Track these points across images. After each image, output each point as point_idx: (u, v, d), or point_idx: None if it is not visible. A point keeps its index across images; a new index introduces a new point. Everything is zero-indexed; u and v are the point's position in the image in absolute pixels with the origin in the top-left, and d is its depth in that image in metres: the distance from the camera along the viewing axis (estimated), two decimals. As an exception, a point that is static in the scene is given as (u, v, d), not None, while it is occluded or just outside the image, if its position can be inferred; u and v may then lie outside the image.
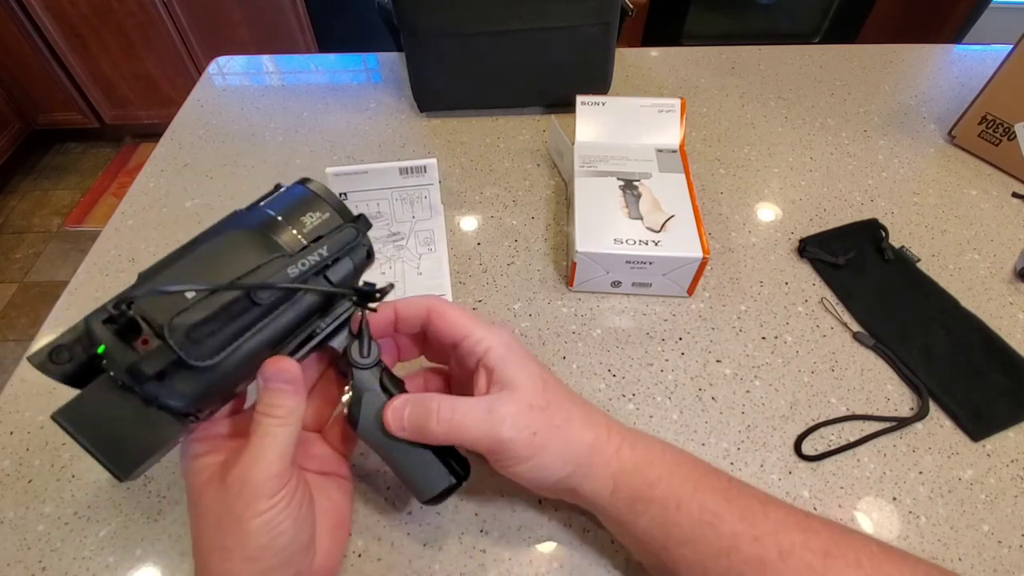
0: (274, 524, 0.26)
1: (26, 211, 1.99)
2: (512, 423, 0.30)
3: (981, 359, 0.45)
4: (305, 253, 0.28)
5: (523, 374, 0.31)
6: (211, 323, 0.25)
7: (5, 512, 0.38)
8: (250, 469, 0.26)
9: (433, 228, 0.54)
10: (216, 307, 0.25)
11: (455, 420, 0.30)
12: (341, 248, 0.29)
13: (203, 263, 0.27)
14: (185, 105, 0.73)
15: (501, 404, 0.30)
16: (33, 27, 1.77)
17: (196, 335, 0.25)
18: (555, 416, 0.31)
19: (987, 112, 0.61)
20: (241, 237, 0.28)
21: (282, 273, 0.27)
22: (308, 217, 0.29)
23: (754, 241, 0.55)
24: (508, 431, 0.30)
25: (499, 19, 0.61)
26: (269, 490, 0.26)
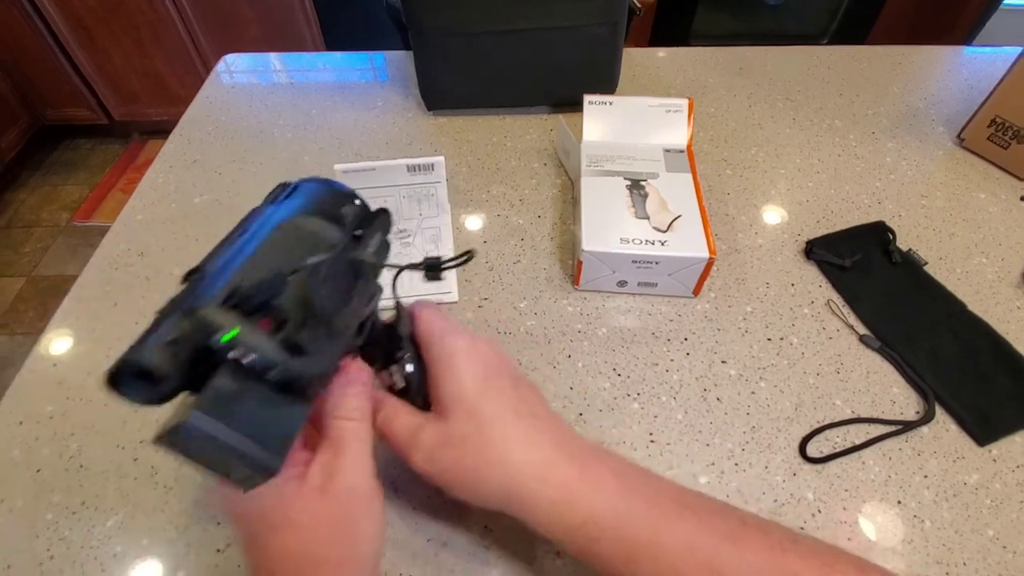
0: (382, 527, 0.27)
1: (35, 206, 2.00)
2: (425, 454, 0.30)
3: (988, 363, 0.45)
4: (368, 236, 0.30)
5: (452, 401, 0.30)
6: (336, 295, 0.26)
7: (14, 501, 0.38)
8: (356, 476, 0.27)
9: (440, 226, 0.55)
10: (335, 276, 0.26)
11: (387, 432, 0.31)
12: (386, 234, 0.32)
13: (289, 244, 0.27)
14: (194, 102, 0.73)
15: (424, 431, 0.30)
16: (43, 23, 1.79)
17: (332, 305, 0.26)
18: (469, 456, 0.29)
19: (997, 115, 0.60)
20: (310, 222, 0.29)
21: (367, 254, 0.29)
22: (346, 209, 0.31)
23: (760, 242, 0.55)
24: (419, 461, 0.30)
25: (507, 18, 0.61)
26: (376, 493, 0.27)
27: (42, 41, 1.83)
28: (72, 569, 0.36)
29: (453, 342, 0.31)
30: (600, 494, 0.28)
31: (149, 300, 0.24)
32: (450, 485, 0.30)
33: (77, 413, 0.43)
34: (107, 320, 0.49)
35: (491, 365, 0.31)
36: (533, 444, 0.30)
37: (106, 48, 1.86)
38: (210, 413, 0.22)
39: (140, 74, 1.95)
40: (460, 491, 0.30)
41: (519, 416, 0.30)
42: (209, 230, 0.57)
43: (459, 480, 0.30)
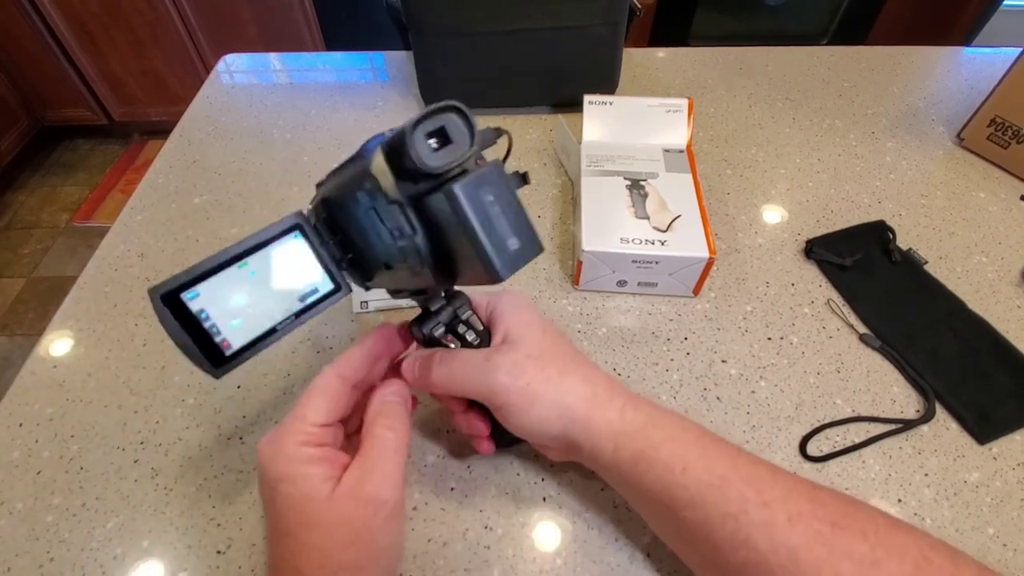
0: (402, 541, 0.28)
1: (34, 207, 2.00)
2: (507, 371, 0.31)
3: (988, 362, 0.45)
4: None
5: (523, 327, 0.33)
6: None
7: (14, 503, 0.38)
8: (383, 487, 0.27)
9: (440, 226, 0.55)
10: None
11: (455, 368, 0.32)
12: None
13: None
14: (194, 102, 0.73)
15: (498, 353, 0.31)
16: (43, 24, 1.79)
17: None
18: (549, 367, 0.31)
19: (996, 115, 0.60)
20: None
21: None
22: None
23: (760, 242, 0.55)
24: (503, 378, 0.31)
25: (507, 18, 0.61)
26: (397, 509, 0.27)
27: (42, 42, 1.83)
28: (72, 571, 0.36)
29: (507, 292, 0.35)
30: (656, 408, 0.32)
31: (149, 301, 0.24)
32: (533, 396, 0.31)
33: (77, 415, 0.43)
34: (107, 321, 0.49)
35: (534, 307, 0.35)
36: (592, 366, 0.33)
37: (106, 49, 1.86)
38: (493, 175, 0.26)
39: (140, 74, 1.95)
40: (541, 405, 0.31)
41: (576, 353, 0.34)
42: (209, 230, 0.57)
43: (541, 390, 0.31)
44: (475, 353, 0.32)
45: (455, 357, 0.32)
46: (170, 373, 0.45)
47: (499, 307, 0.34)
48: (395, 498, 0.28)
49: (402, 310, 0.49)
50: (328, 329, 0.48)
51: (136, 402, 0.44)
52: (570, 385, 0.31)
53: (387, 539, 0.28)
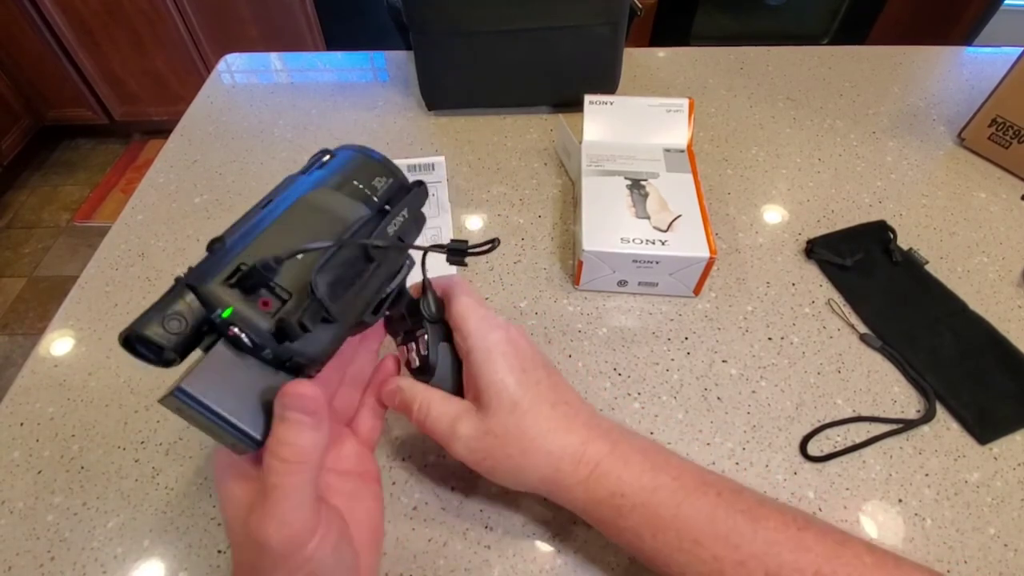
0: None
1: (35, 206, 2.00)
2: (465, 444, 0.31)
3: (989, 362, 0.45)
4: (392, 215, 0.29)
5: (495, 393, 0.31)
6: (342, 280, 0.26)
7: (15, 503, 0.38)
8: (266, 527, 0.23)
9: (440, 226, 0.55)
10: (341, 263, 0.26)
11: (427, 424, 0.32)
12: (416, 209, 0.31)
13: (307, 221, 0.27)
14: (195, 102, 0.74)
15: (461, 422, 0.31)
16: (44, 23, 1.79)
17: (334, 291, 0.25)
18: (511, 446, 0.30)
19: (997, 115, 0.60)
20: (332, 197, 0.28)
21: (383, 232, 0.28)
22: (378, 181, 0.30)
23: (761, 242, 0.55)
24: (461, 450, 0.31)
25: (508, 18, 0.61)
26: (291, 549, 0.23)
27: (43, 41, 1.83)
28: (73, 570, 0.36)
29: (490, 334, 0.32)
30: (628, 469, 0.30)
31: (150, 300, 0.24)
32: (491, 473, 0.32)
33: (78, 414, 0.43)
34: (108, 321, 0.49)
35: (527, 357, 0.32)
36: (568, 429, 0.31)
37: (107, 48, 1.86)
38: (202, 382, 0.23)
39: (141, 74, 1.95)
40: (500, 478, 0.32)
41: (554, 405, 0.32)
42: (209, 230, 0.57)
43: (500, 468, 0.31)
44: (446, 413, 0.32)
45: (429, 410, 0.32)
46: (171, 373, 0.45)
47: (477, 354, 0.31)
48: (280, 539, 0.23)
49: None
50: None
51: (137, 402, 0.44)
52: (532, 465, 0.31)
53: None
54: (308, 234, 0.26)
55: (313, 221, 0.27)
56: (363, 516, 0.30)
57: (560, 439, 0.31)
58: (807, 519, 0.29)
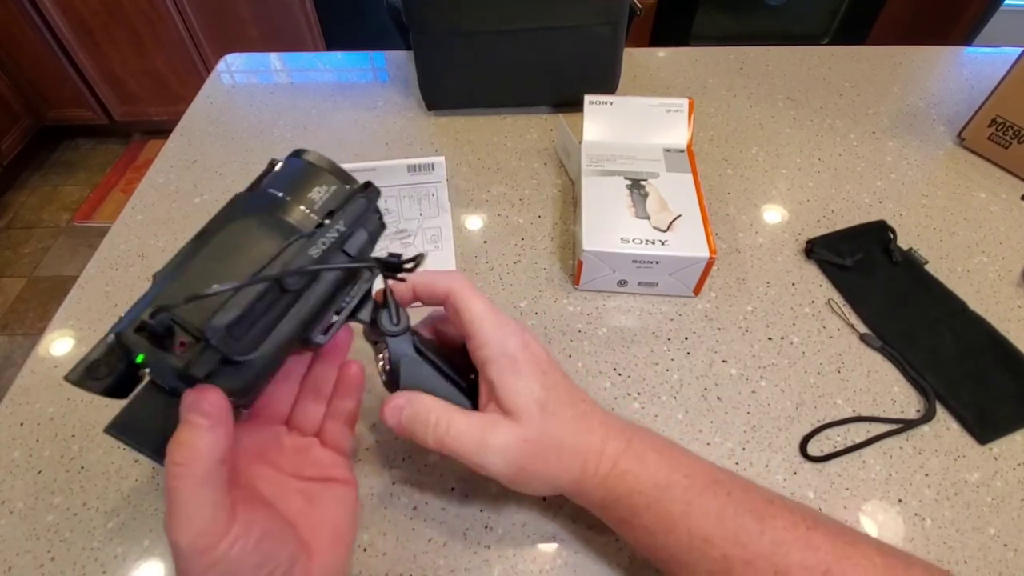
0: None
1: (35, 206, 2.00)
2: (502, 456, 0.30)
3: (988, 362, 0.45)
4: (323, 231, 0.27)
5: (522, 398, 0.30)
6: (247, 318, 0.25)
7: (15, 503, 0.38)
8: (171, 529, 0.23)
9: (440, 226, 0.55)
10: (249, 301, 0.24)
11: (447, 442, 0.30)
12: (356, 220, 0.28)
13: (222, 257, 0.26)
14: (195, 102, 0.74)
15: (494, 434, 0.30)
16: (44, 23, 1.79)
17: (236, 331, 0.24)
18: (545, 450, 0.30)
19: (997, 115, 0.60)
20: (254, 224, 0.27)
21: (304, 255, 0.26)
22: (316, 192, 0.28)
23: (761, 242, 0.55)
24: (497, 464, 0.30)
25: (508, 18, 0.61)
26: (200, 548, 0.23)
27: (43, 41, 1.83)
28: (73, 570, 0.36)
29: (509, 340, 0.31)
30: (644, 466, 0.31)
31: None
32: (525, 482, 0.31)
33: (78, 414, 0.43)
34: (108, 321, 0.49)
35: (543, 359, 0.32)
36: (589, 429, 0.32)
37: (107, 48, 1.87)
38: (118, 428, 0.25)
39: (141, 74, 1.95)
40: (534, 486, 0.32)
41: (573, 405, 0.32)
42: (210, 230, 0.57)
43: (537, 476, 0.31)
44: (471, 426, 0.30)
45: (450, 425, 0.30)
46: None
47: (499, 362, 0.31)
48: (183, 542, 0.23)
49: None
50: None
51: (137, 402, 0.44)
52: (566, 464, 0.31)
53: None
54: (227, 269, 0.25)
55: (234, 255, 0.26)
56: (323, 518, 0.30)
57: (584, 438, 0.31)
58: (816, 518, 0.29)
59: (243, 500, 0.25)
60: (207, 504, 0.24)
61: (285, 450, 0.32)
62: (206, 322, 0.23)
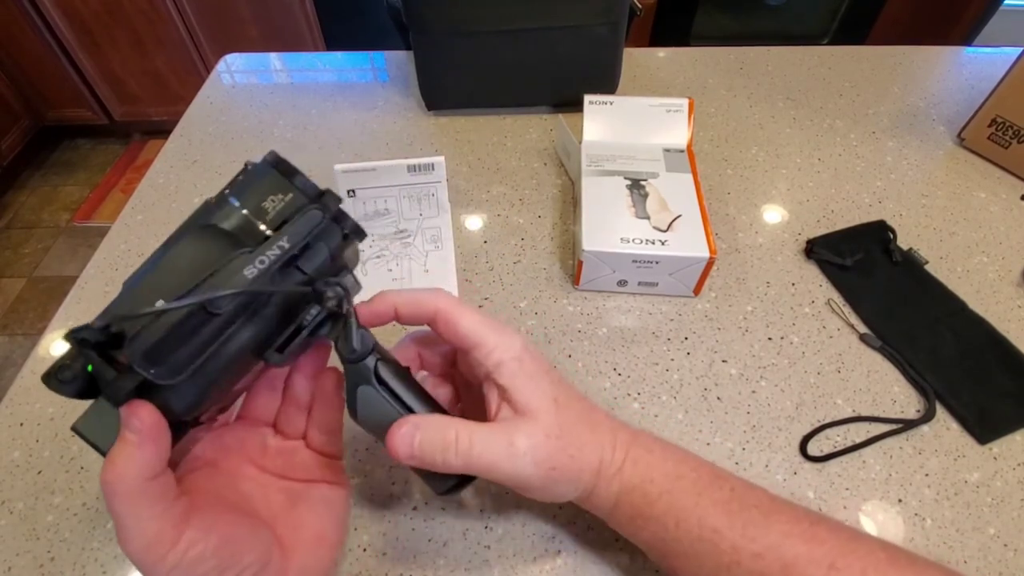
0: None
1: (35, 206, 2.00)
2: (533, 458, 0.29)
3: (988, 362, 0.45)
4: (263, 248, 0.25)
5: (537, 397, 0.30)
6: (168, 341, 0.23)
7: (15, 503, 0.38)
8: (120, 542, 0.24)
9: (440, 226, 0.55)
10: (170, 324, 0.23)
11: (474, 454, 0.28)
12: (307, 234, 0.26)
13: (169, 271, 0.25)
14: (195, 102, 0.74)
15: (520, 436, 0.29)
16: (44, 23, 1.79)
17: (155, 355, 0.23)
18: (570, 446, 0.30)
19: (997, 115, 0.60)
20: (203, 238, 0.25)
21: (239, 276, 0.24)
22: (269, 202, 0.26)
23: (761, 242, 0.55)
24: (529, 467, 0.28)
25: (508, 18, 0.61)
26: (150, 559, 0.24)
27: (43, 41, 1.83)
28: (73, 571, 0.36)
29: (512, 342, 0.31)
30: (654, 456, 0.31)
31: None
32: (555, 482, 0.30)
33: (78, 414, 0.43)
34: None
35: (544, 360, 0.32)
36: (598, 421, 0.32)
37: (107, 48, 1.87)
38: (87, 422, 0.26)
39: (140, 74, 1.95)
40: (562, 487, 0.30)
41: (579, 399, 0.32)
42: (209, 230, 0.57)
43: (564, 476, 0.30)
44: (495, 434, 0.29)
45: (472, 440, 0.28)
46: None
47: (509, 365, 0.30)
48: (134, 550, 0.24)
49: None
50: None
51: (137, 402, 0.43)
52: (587, 460, 0.30)
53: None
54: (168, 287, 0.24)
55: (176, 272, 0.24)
56: (306, 519, 0.30)
57: (598, 430, 0.31)
58: (818, 515, 0.30)
59: (201, 506, 0.25)
60: (146, 518, 0.24)
61: (269, 451, 0.31)
62: (126, 347, 0.23)
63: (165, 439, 0.24)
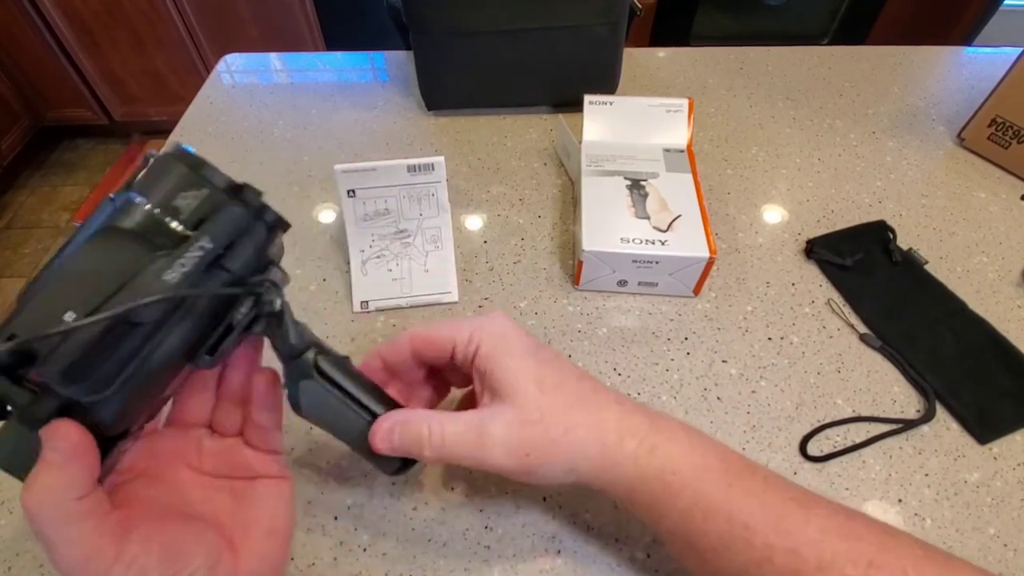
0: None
1: (35, 207, 2.00)
2: (503, 447, 0.28)
3: (988, 362, 0.45)
4: (183, 250, 0.23)
5: (518, 378, 0.29)
6: (89, 357, 0.22)
7: (15, 503, 0.38)
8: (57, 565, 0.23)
9: (440, 226, 0.55)
10: (89, 339, 0.21)
11: (446, 448, 0.29)
12: (231, 233, 0.24)
13: (75, 280, 0.22)
14: (194, 102, 0.73)
15: (491, 424, 0.28)
16: (44, 24, 1.79)
17: (75, 373, 0.21)
18: (552, 428, 0.28)
19: (997, 115, 0.60)
20: (108, 241, 0.23)
21: (159, 282, 0.22)
22: (182, 199, 0.24)
23: (761, 242, 0.55)
24: (499, 456, 0.28)
25: (508, 18, 0.61)
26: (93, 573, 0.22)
27: (43, 42, 1.83)
28: (73, 569, 0.36)
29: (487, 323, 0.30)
30: (675, 444, 0.29)
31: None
32: (535, 470, 0.29)
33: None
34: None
35: (527, 338, 0.31)
36: (601, 404, 0.30)
37: (107, 48, 1.87)
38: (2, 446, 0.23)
39: (140, 74, 1.95)
40: (545, 473, 0.29)
41: (580, 379, 0.30)
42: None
43: (546, 461, 0.29)
44: (467, 424, 0.29)
45: (444, 430, 0.29)
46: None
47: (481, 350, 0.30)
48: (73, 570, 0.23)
49: (402, 310, 0.49)
50: (329, 328, 0.48)
51: (136, 402, 0.43)
52: (577, 445, 0.29)
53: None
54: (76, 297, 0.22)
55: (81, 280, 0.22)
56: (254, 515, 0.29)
57: (597, 413, 0.29)
58: (851, 509, 0.28)
59: (139, 517, 0.25)
60: (78, 540, 0.22)
61: (206, 452, 0.30)
62: (39, 367, 0.21)
63: (92, 456, 0.23)
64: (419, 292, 0.50)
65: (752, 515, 0.27)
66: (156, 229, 0.23)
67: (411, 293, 0.50)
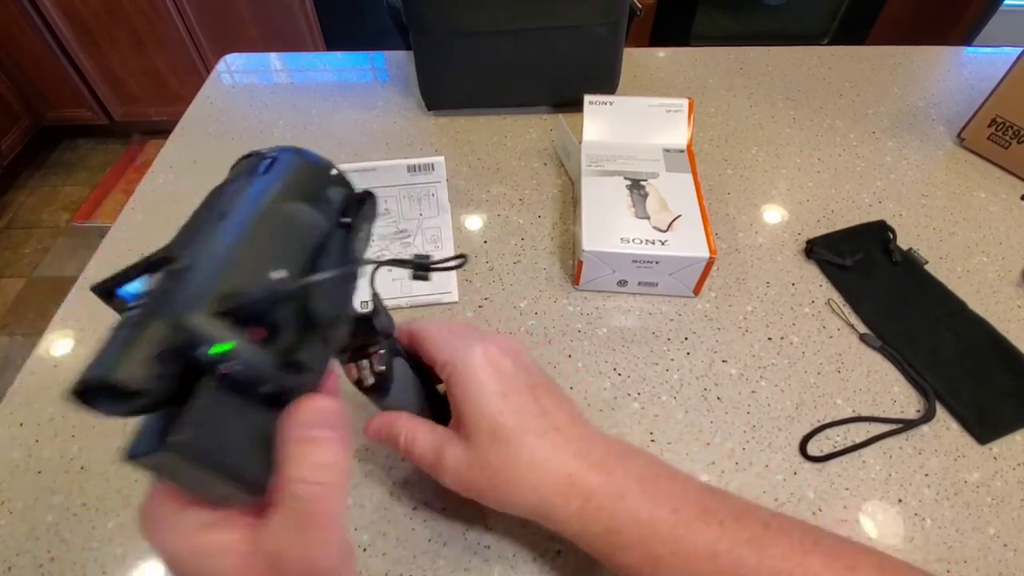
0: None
1: (35, 207, 2.00)
2: (453, 477, 0.31)
3: (988, 362, 0.45)
4: (357, 229, 0.26)
5: (474, 420, 0.30)
6: (334, 308, 0.24)
7: (14, 503, 0.38)
8: (316, 556, 0.21)
9: (440, 226, 0.55)
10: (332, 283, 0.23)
11: (414, 455, 0.32)
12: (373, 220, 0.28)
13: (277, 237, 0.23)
14: (194, 102, 0.73)
15: (447, 452, 0.31)
16: (44, 24, 1.79)
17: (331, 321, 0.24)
18: (496, 477, 0.29)
19: (997, 115, 0.60)
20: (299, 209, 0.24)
21: (363, 247, 0.26)
22: (333, 191, 0.27)
23: (761, 242, 0.55)
24: (449, 483, 0.31)
25: (508, 18, 0.61)
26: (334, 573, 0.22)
27: (43, 41, 1.83)
28: (73, 571, 0.36)
29: (469, 352, 0.31)
30: (623, 502, 0.28)
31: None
32: (480, 499, 0.31)
33: (78, 415, 0.43)
34: (108, 321, 0.49)
35: (509, 377, 0.31)
36: (556, 462, 0.29)
37: (107, 48, 1.86)
38: (197, 431, 0.19)
39: (140, 74, 1.95)
40: (491, 505, 0.31)
41: (541, 435, 0.30)
42: (209, 230, 0.57)
43: (488, 498, 0.31)
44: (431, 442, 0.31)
45: (414, 440, 0.32)
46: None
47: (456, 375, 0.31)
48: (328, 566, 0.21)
49: (402, 310, 0.49)
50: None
51: (136, 402, 0.43)
52: (519, 497, 0.30)
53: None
54: (282, 251, 0.22)
55: (288, 237, 0.23)
56: None
57: (547, 472, 0.29)
58: (815, 539, 0.28)
59: None
60: (345, 529, 0.23)
61: None
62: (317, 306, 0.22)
63: None
64: (419, 292, 0.50)
65: (701, 567, 0.27)
66: (323, 210, 0.25)
67: (411, 293, 0.50)
